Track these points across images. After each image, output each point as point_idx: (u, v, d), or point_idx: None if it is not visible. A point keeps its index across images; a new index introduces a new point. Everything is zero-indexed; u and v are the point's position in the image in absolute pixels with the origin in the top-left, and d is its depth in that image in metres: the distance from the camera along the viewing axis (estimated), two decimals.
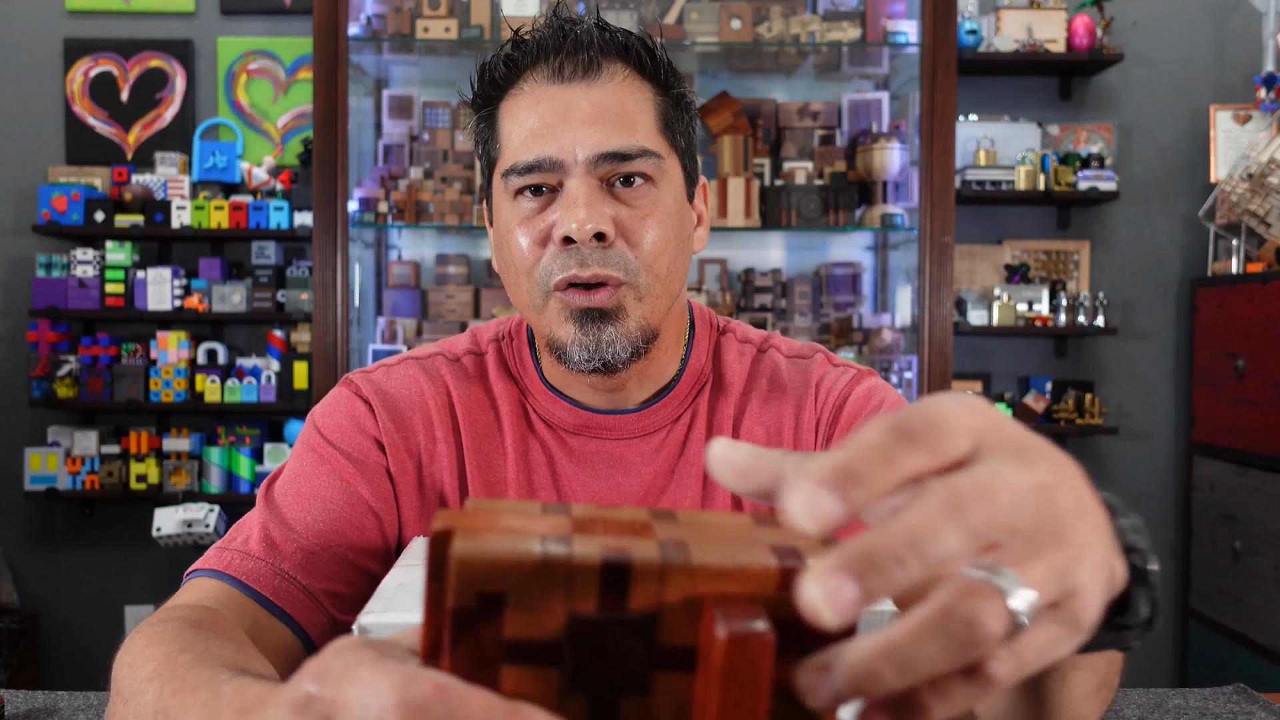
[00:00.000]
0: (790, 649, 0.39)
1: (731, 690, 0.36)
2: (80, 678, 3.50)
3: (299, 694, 0.40)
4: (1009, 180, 3.40)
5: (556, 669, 0.39)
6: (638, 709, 0.39)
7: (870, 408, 1.03)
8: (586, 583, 0.38)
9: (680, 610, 0.39)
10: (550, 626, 0.38)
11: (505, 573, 0.38)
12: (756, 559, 0.39)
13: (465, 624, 0.38)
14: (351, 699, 0.38)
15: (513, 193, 0.98)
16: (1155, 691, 1.00)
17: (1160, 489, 3.66)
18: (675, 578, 0.39)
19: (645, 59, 1.00)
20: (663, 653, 0.39)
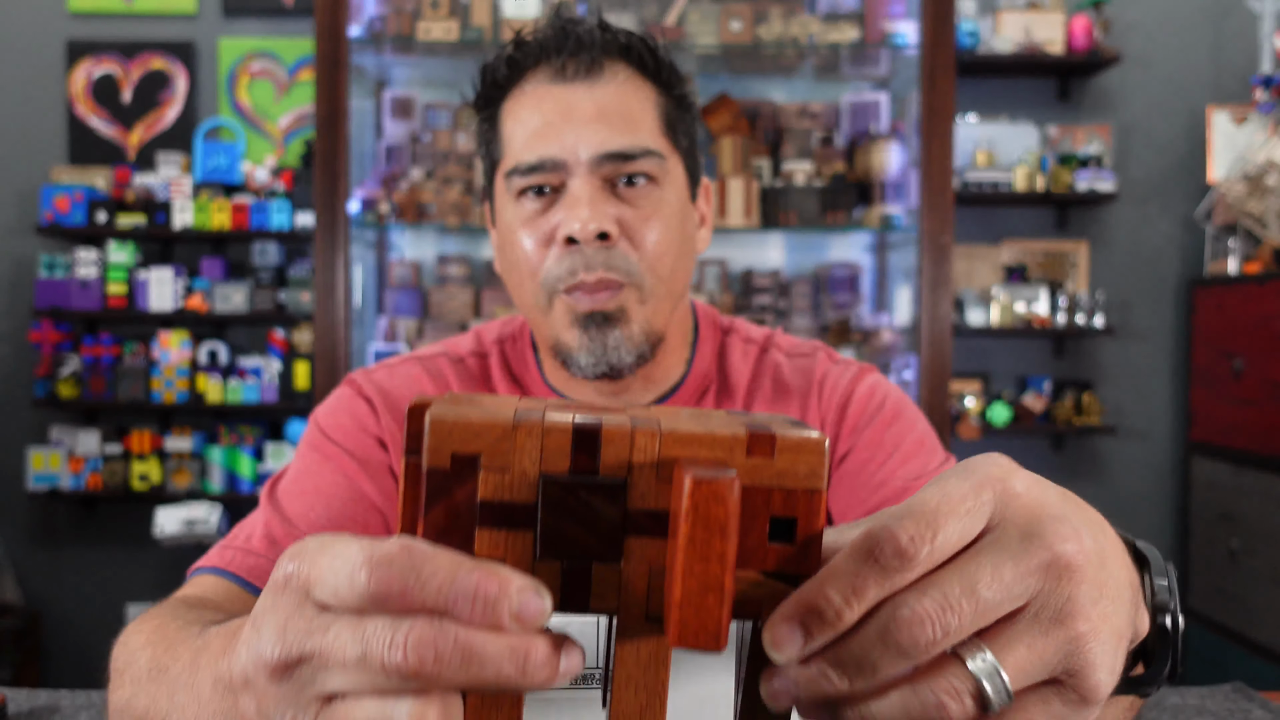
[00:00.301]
0: (758, 519, 0.40)
1: (699, 534, 0.37)
2: (82, 676, 3.51)
3: (278, 575, 0.40)
4: (1007, 181, 3.41)
5: (530, 532, 0.39)
6: (610, 575, 0.40)
7: (874, 404, 1.03)
8: (558, 445, 0.39)
9: (650, 474, 0.39)
10: (523, 489, 0.39)
11: (479, 434, 0.39)
12: (726, 427, 0.40)
13: (440, 486, 0.39)
14: (324, 566, 0.38)
15: (515, 193, 0.98)
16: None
17: (1158, 488, 3.68)
18: (644, 442, 0.39)
19: (647, 59, 1.00)
20: (634, 517, 0.39)
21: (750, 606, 0.40)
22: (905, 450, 0.99)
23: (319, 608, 0.39)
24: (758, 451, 0.40)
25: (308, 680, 0.39)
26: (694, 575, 0.37)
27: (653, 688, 0.41)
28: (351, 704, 0.38)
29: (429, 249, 3.34)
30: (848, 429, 1.03)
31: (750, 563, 0.40)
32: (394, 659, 0.36)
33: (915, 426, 1.02)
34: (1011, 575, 0.39)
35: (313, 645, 0.38)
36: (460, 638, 0.36)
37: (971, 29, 3.39)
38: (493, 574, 0.36)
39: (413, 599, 0.37)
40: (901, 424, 1.01)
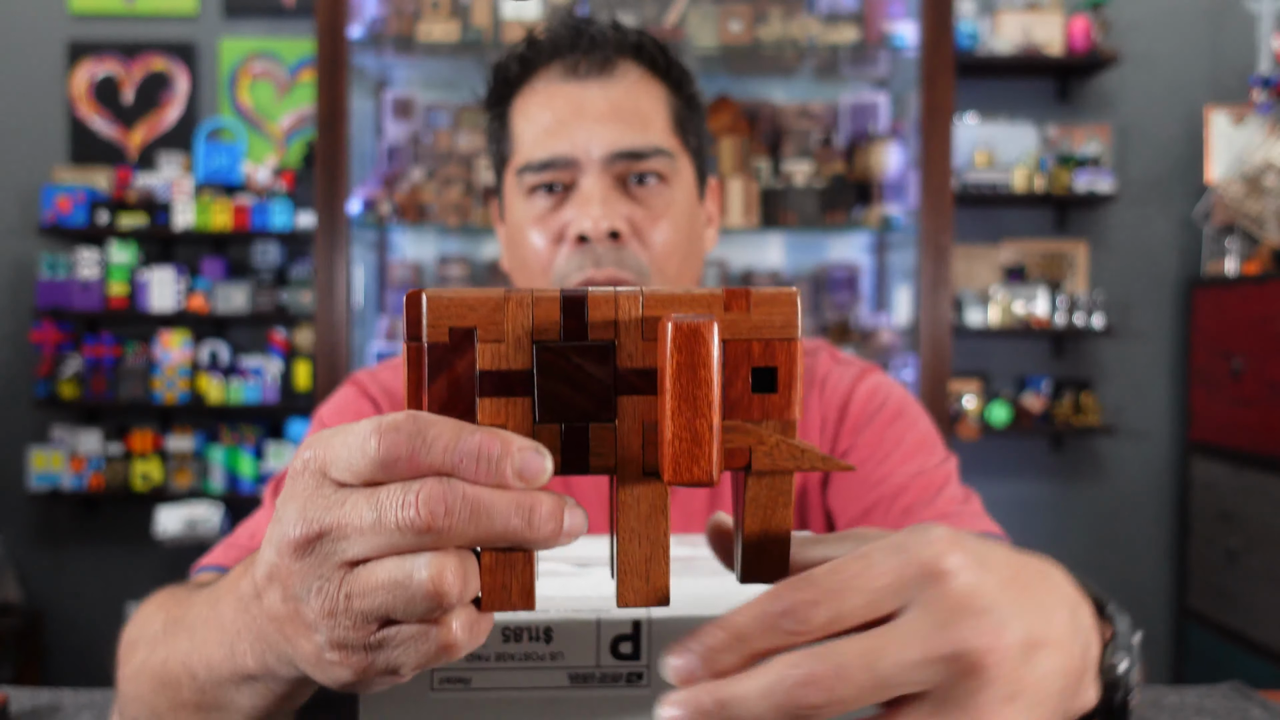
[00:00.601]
0: (740, 370, 0.43)
1: (683, 374, 0.39)
2: (84, 676, 3.51)
3: (296, 463, 0.43)
4: (1006, 181, 3.42)
5: (528, 398, 0.42)
6: (607, 434, 0.43)
7: (875, 403, 1.03)
8: (548, 314, 0.42)
9: (636, 334, 0.42)
10: (518, 357, 0.42)
11: (474, 307, 0.42)
12: (703, 289, 0.43)
13: (440, 359, 0.42)
14: (337, 445, 0.41)
15: (526, 190, 0.98)
16: (1152, 689, 1.01)
17: (1157, 488, 3.68)
18: (628, 304, 0.42)
19: (659, 59, 1.00)
20: (624, 376, 0.42)
21: (739, 456, 0.43)
22: (906, 449, 0.99)
23: (336, 485, 0.41)
24: (734, 306, 0.43)
25: (329, 552, 0.41)
26: (682, 413, 0.39)
27: (655, 538, 0.43)
28: (374, 566, 0.40)
29: (429, 249, 3.35)
30: (848, 429, 1.02)
31: (735, 413, 0.43)
32: (406, 516, 0.39)
33: (916, 426, 1.02)
34: (915, 659, 0.38)
35: (332, 518, 0.40)
36: (468, 493, 0.39)
37: (971, 30, 3.40)
38: (495, 435, 0.39)
39: (420, 462, 0.39)
40: (902, 423, 1.01)
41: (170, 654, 0.59)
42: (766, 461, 0.43)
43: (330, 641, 0.42)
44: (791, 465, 0.43)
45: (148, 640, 0.64)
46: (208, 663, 0.54)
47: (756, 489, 0.44)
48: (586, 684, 0.56)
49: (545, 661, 0.55)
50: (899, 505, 0.94)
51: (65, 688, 1.03)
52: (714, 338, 0.39)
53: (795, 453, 0.43)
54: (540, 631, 0.55)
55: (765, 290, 0.43)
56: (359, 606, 0.41)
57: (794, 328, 0.43)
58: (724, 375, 0.42)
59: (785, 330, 0.43)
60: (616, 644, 0.56)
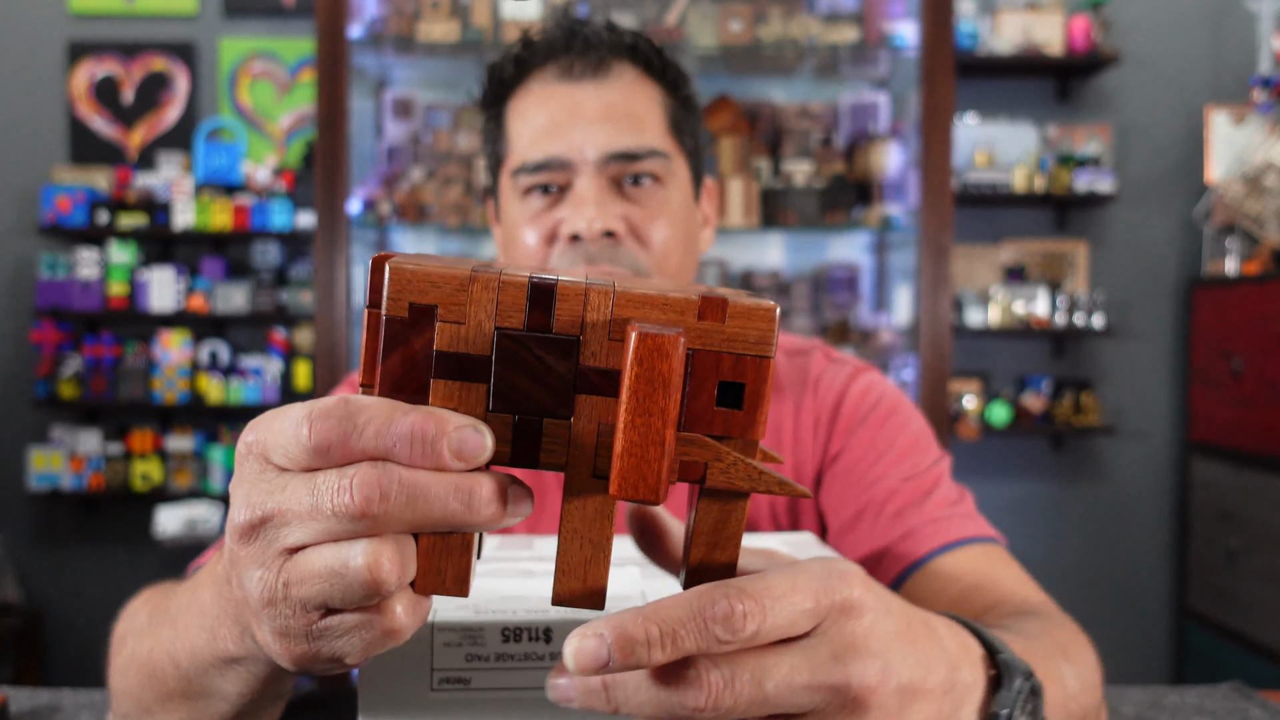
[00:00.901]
0: (707, 382, 0.41)
1: (642, 388, 0.38)
2: (84, 676, 3.52)
3: (240, 447, 0.42)
4: (1007, 181, 3.42)
5: (483, 385, 0.41)
6: (560, 430, 0.41)
7: (868, 403, 1.02)
8: (514, 300, 0.40)
9: (603, 332, 0.41)
10: (478, 342, 0.40)
11: (437, 284, 0.40)
12: (680, 292, 0.41)
13: (397, 334, 0.40)
14: (275, 430, 0.41)
15: (521, 191, 0.98)
16: (1152, 689, 1.02)
17: (1157, 488, 3.68)
18: (598, 300, 0.40)
19: (654, 60, 1.00)
20: (585, 374, 0.41)
21: (694, 469, 0.41)
22: (899, 450, 0.98)
23: (278, 470, 0.41)
24: (709, 315, 0.41)
25: (271, 538, 0.41)
26: (635, 428, 0.38)
27: (597, 541, 0.42)
28: (311, 553, 0.40)
29: (429, 249, 3.35)
30: (841, 429, 1.02)
31: (697, 425, 0.41)
32: (341, 501, 0.38)
33: (909, 426, 1.01)
34: (803, 683, 0.40)
35: (273, 504, 0.40)
36: (404, 477, 0.38)
37: (971, 30, 3.40)
38: (429, 415, 0.38)
39: (353, 447, 0.39)
40: (895, 423, 1.01)
41: (155, 644, 0.59)
42: (722, 479, 0.42)
43: (273, 629, 0.42)
44: (746, 485, 0.42)
45: (133, 634, 0.65)
46: (190, 648, 0.54)
47: (707, 511, 0.43)
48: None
49: (545, 662, 0.55)
50: (890, 508, 0.94)
51: (65, 688, 1.03)
52: (678, 354, 0.38)
53: (752, 473, 0.42)
54: (540, 632, 0.55)
55: (743, 302, 0.41)
56: (297, 595, 0.41)
57: (769, 345, 0.41)
58: (690, 385, 0.41)
59: (759, 346, 0.41)
60: None
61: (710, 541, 0.43)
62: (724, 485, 0.41)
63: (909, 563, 0.90)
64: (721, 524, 0.43)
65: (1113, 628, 3.66)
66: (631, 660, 0.39)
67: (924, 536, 0.90)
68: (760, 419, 0.41)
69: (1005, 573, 0.87)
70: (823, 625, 0.42)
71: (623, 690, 0.41)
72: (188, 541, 3.21)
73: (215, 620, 0.51)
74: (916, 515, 0.92)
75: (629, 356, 0.38)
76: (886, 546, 0.92)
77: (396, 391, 0.40)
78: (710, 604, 0.40)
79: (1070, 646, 0.66)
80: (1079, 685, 0.62)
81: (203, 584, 0.54)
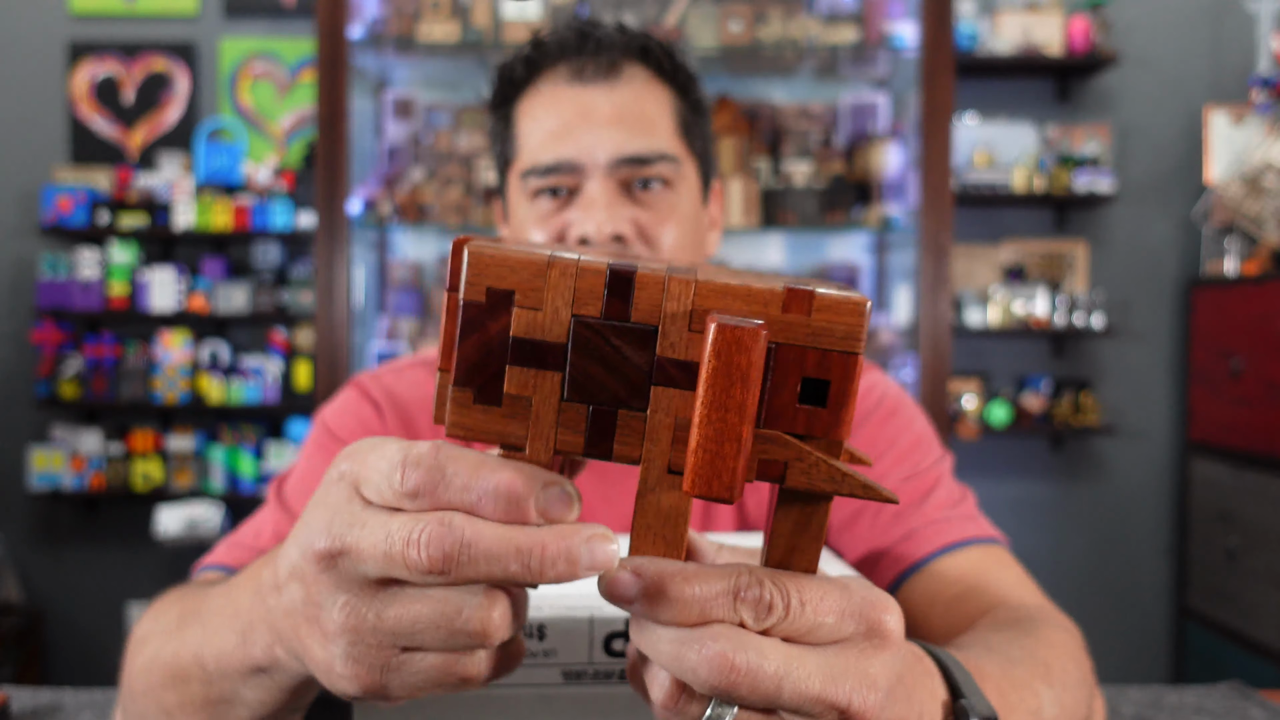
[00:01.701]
0: (790, 378, 0.39)
1: (719, 381, 0.37)
2: (84, 676, 3.52)
3: (332, 472, 0.43)
4: (1006, 181, 3.42)
5: (559, 373, 0.40)
6: (636, 423, 0.40)
7: (869, 403, 1.02)
8: (592, 287, 0.39)
9: (683, 324, 0.39)
10: (555, 329, 0.40)
11: (515, 269, 0.39)
12: (764, 282, 0.40)
13: (474, 319, 0.40)
14: (371, 465, 0.41)
15: (530, 194, 0.98)
16: (1152, 688, 1.02)
17: (1157, 488, 3.68)
18: (679, 290, 0.39)
19: (665, 62, 1.00)
20: (663, 366, 0.40)
21: (774, 468, 0.40)
22: (900, 449, 0.98)
23: (364, 503, 0.42)
24: (794, 308, 0.39)
25: (352, 569, 0.42)
26: (711, 423, 0.37)
27: (671, 540, 0.41)
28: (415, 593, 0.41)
29: (430, 249, 3.35)
30: None
31: (778, 422, 0.40)
32: (411, 555, 0.39)
33: (911, 425, 1.01)
34: (814, 694, 0.41)
35: (352, 539, 0.41)
36: (468, 537, 0.39)
37: (970, 30, 3.40)
38: (518, 473, 0.39)
39: (440, 498, 0.39)
40: (897, 421, 1.01)
41: (181, 646, 0.59)
42: (802, 479, 0.40)
43: (347, 655, 0.43)
44: (829, 488, 0.40)
45: (159, 633, 0.64)
46: (218, 652, 0.54)
47: (786, 513, 0.41)
48: (579, 681, 0.57)
49: (539, 659, 0.56)
50: (890, 509, 0.93)
51: (65, 687, 1.03)
52: (760, 350, 0.37)
53: (835, 475, 0.40)
54: (534, 629, 0.55)
55: (832, 294, 0.39)
56: (391, 628, 0.41)
57: (857, 341, 0.39)
58: (772, 380, 0.39)
59: (847, 342, 0.39)
60: (609, 642, 0.56)
61: (789, 545, 0.42)
62: (804, 486, 0.40)
63: (908, 564, 0.90)
64: (801, 527, 0.42)
65: (1113, 628, 3.66)
66: (654, 612, 0.40)
67: (924, 538, 0.90)
68: (846, 418, 0.40)
69: (1003, 575, 0.87)
70: (848, 642, 0.42)
71: (645, 638, 0.42)
72: (188, 541, 3.21)
73: (248, 625, 0.51)
74: (916, 516, 0.92)
75: (707, 349, 0.37)
76: (886, 547, 0.92)
77: (472, 376, 0.40)
78: (746, 586, 0.40)
79: (1055, 664, 0.66)
80: (1056, 709, 0.62)
81: (240, 586, 0.54)
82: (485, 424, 0.40)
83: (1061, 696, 0.64)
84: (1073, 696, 0.65)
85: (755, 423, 0.39)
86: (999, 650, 0.64)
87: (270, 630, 0.48)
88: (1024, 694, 0.60)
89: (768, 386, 0.39)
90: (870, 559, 0.93)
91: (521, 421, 0.40)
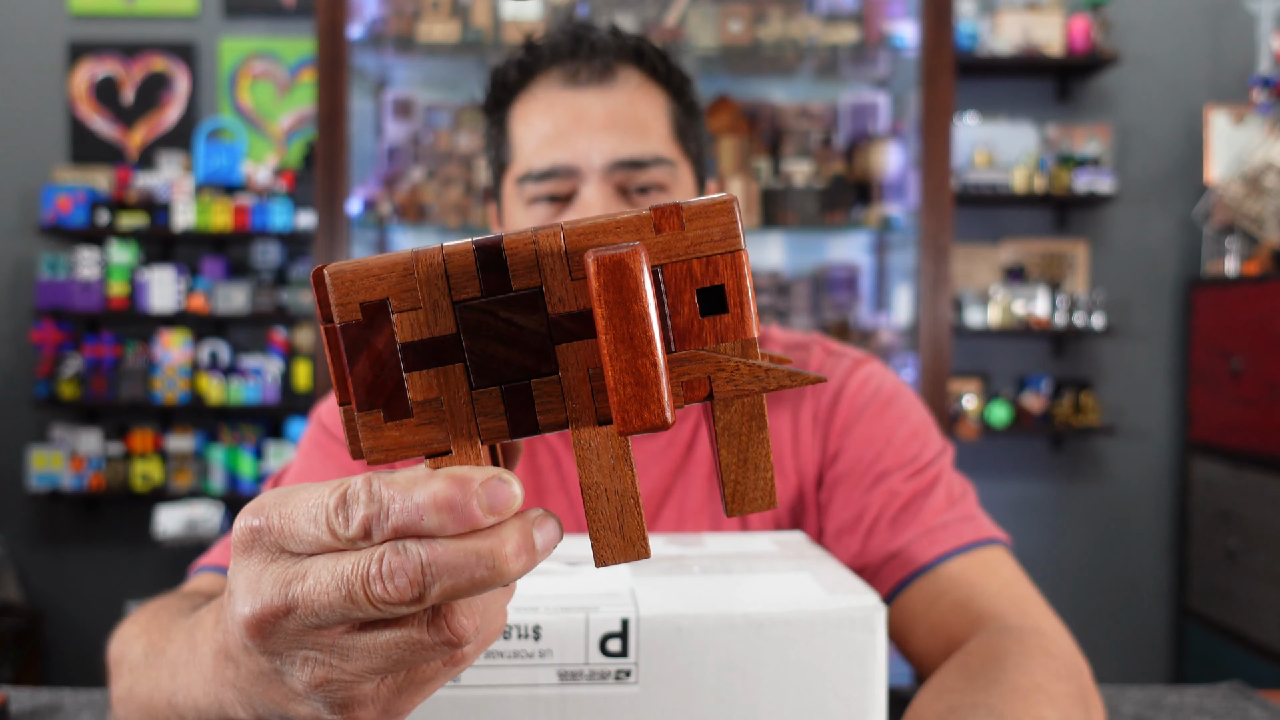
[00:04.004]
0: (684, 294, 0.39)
1: (614, 312, 0.36)
2: (84, 676, 3.52)
3: (243, 536, 0.40)
4: (1006, 181, 3.42)
5: (460, 364, 0.39)
6: (552, 387, 0.39)
7: (866, 394, 1.01)
8: (464, 269, 0.38)
9: (564, 275, 0.38)
10: (441, 322, 0.38)
11: (382, 276, 0.38)
12: (629, 211, 0.39)
13: (357, 339, 0.38)
14: (290, 513, 0.39)
15: (527, 200, 0.98)
16: (1151, 689, 1.02)
17: (1157, 488, 3.68)
18: (548, 243, 0.38)
19: (659, 65, 0.99)
20: (558, 323, 0.39)
21: (699, 387, 0.39)
22: (898, 443, 0.98)
23: (293, 556, 0.39)
24: (666, 226, 0.38)
25: (302, 625, 0.39)
26: (621, 355, 0.36)
27: (622, 490, 0.40)
28: (366, 637, 0.39)
29: None
30: (839, 426, 1.01)
31: (688, 341, 0.39)
32: (375, 592, 0.37)
33: (909, 416, 1.00)
34: None
35: (295, 594, 0.39)
36: (426, 559, 0.37)
37: (971, 30, 3.40)
38: (452, 480, 0.37)
39: (384, 528, 0.37)
40: (894, 414, 1.00)
41: (155, 689, 0.59)
42: (729, 388, 0.39)
43: (331, 704, 0.41)
44: (756, 387, 0.39)
45: (131, 665, 0.65)
46: (195, 706, 0.53)
47: (727, 417, 0.40)
48: (575, 681, 0.57)
49: (534, 659, 0.55)
50: (888, 513, 0.93)
51: (65, 687, 1.03)
52: (642, 266, 0.36)
53: (759, 373, 0.39)
54: (529, 629, 0.55)
55: (698, 201, 0.39)
56: (361, 668, 0.40)
57: (736, 238, 0.38)
58: (668, 302, 0.39)
59: (727, 242, 0.38)
60: (605, 642, 0.56)
61: (741, 459, 0.40)
62: (732, 394, 0.39)
63: (906, 574, 0.90)
64: (745, 430, 0.40)
65: (1113, 627, 3.66)
66: None
67: (921, 546, 0.90)
68: (749, 315, 0.39)
69: (992, 584, 0.86)
70: None
71: None
72: (188, 541, 3.21)
73: (220, 689, 0.49)
74: (915, 523, 0.92)
75: (592, 285, 0.36)
76: (885, 554, 0.91)
77: (374, 396, 0.39)
78: None
79: (1025, 715, 0.63)
80: None
81: (201, 642, 0.53)
82: (403, 439, 0.39)
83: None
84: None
85: (666, 347, 0.38)
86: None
87: (243, 694, 0.47)
88: None
89: (665, 309, 0.39)
90: (870, 566, 0.93)
91: (439, 425, 0.39)
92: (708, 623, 0.57)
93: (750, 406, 0.40)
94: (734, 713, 0.58)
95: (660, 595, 0.59)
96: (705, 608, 0.58)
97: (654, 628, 0.57)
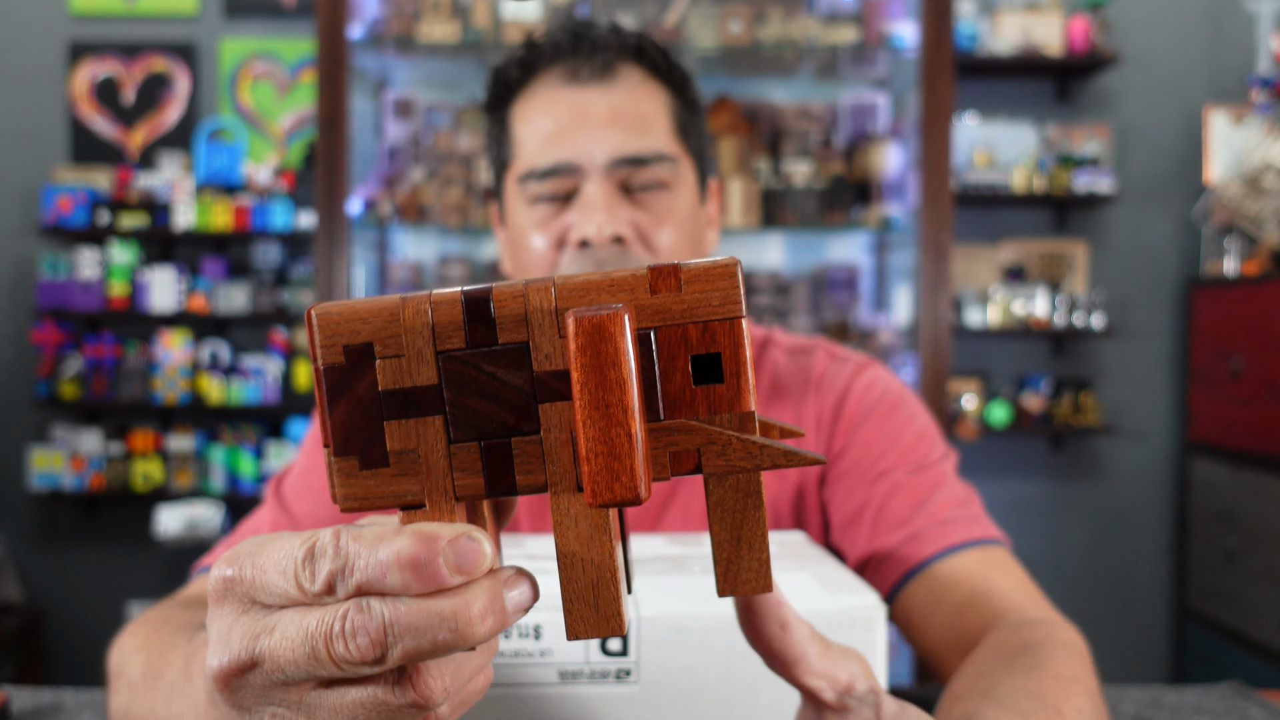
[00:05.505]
0: (678, 360, 0.37)
1: (591, 377, 0.34)
2: (85, 675, 3.52)
3: (217, 585, 0.40)
4: (1006, 181, 3.42)
5: (440, 416, 0.37)
6: (532, 448, 0.37)
7: (871, 399, 1.01)
8: (451, 319, 0.37)
9: (552, 332, 0.37)
10: (423, 371, 0.37)
11: (367, 320, 0.37)
12: (626, 270, 0.37)
13: (339, 382, 0.37)
14: (263, 564, 0.38)
15: (529, 199, 0.98)
16: (1151, 688, 1.02)
17: (1156, 488, 3.68)
18: (538, 298, 0.37)
19: (660, 62, 0.99)
20: (543, 381, 0.37)
21: (688, 458, 0.37)
22: (902, 446, 0.98)
23: (264, 608, 0.39)
24: (662, 287, 0.37)
25: (269, 680, 0.39)
26: (595, 423, 0.34)
27: (600, 560, 0.38)
28: (339, 692, 0.38)
29: (430, 249, 3.35)
30: (843, 427, 1.01)
31: (679, 410, 0.37)
32: (337, 651, 0.36)
33: (914, 422, 1.00)
34: None
35: (262, 648, 0.38)
36: (388, 619, 0.36)
37: (971, 30, 3.40)
38: (418, 538, 0.36)
39: (349, 585, 0.37)
40: (899, 419, 1.00)
41: (150, 713, 0.59)
42: (720, 463, 0.37)
43: None
44: (749, 464, 0.37)
45: (129, 681, 0.65)
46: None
47: (719, 492, 0.38)
48: (575, 681, 0.57)
49: (535, 658, 0.56)
50: (892, 509, 0.93)
51: (66, 687, 1.03)
52: (624, 330, 0.34)
53: (752, 449, 0.37)
54: (530, 629, 0.55)
55: (698, 263, 0.37)
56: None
57: (736, 304, 0.37)
58: (660, 367, 0.37)
59: (726, 308, 0.37)
60: (605, 641, 0.56)
61: (734, 537, 0.39)
62: (723, 469, 0.37)
63: (910, 567, 0.89)
64: (739, 515, 0.39)
65: (1112, 627, 3.66)
66: None
67: (925, 540, 0.90)
68: (746, 387, 0.37)
69: (1005, 580, 0.86)
70: (859, 702, 0.48)
71: None
72: (188, 542, 3.21)
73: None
74: (919, 517, 0.92)
75: (570, 346, 0.34)
76: (888, 549, 0.91)
77: (351, 443, 0.38)
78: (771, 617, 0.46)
79: (1068, 706, 0.63)
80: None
81: (194, 675, 0.53)
82: (377, 489, 0.38)
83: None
84: None
85: (654, 415, 0.37)
86: (1008, 703, 0.62)
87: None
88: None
89: (657, 375, 0.37)
90: (873, 561, 0.92)
91: (414, 477, 0.38)
92: (708, 623, 0.58)
93: (745, 483, 0.38)
94: (734, 713, 0.58)
95: (660, 595, 0.60)
96: (705, 608, 0.58)
97: (654, 628, 0.57)
